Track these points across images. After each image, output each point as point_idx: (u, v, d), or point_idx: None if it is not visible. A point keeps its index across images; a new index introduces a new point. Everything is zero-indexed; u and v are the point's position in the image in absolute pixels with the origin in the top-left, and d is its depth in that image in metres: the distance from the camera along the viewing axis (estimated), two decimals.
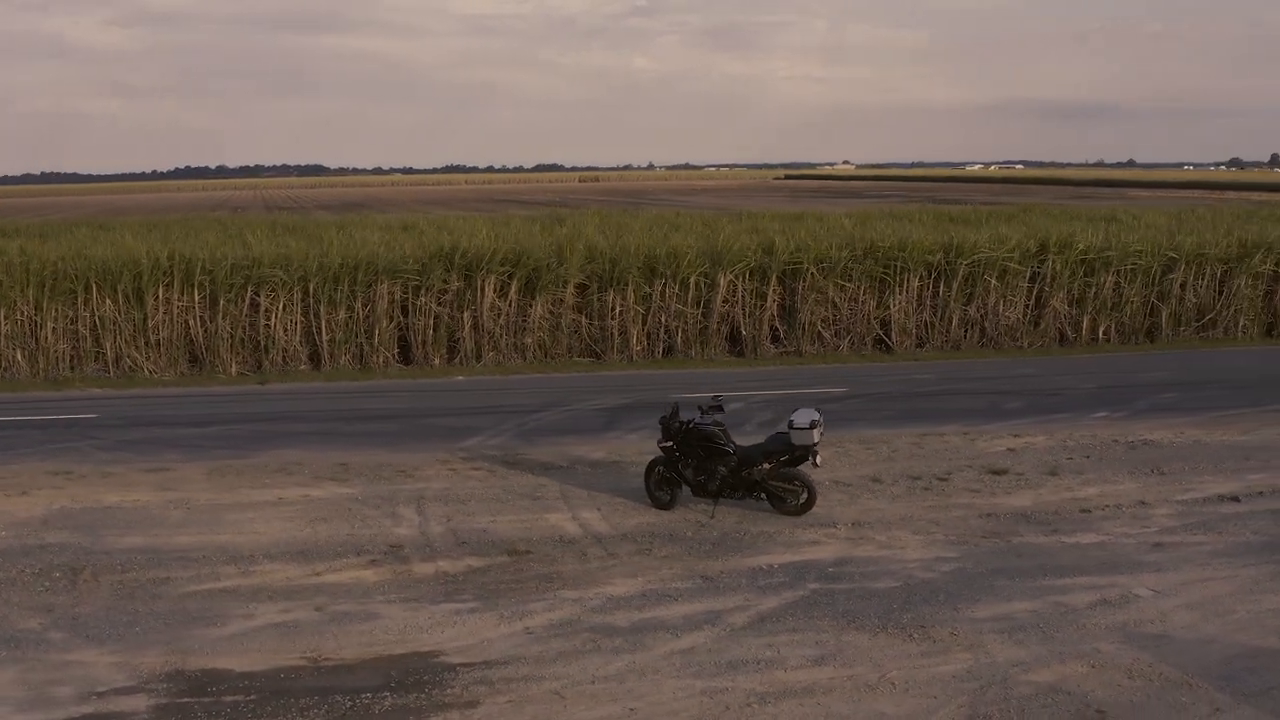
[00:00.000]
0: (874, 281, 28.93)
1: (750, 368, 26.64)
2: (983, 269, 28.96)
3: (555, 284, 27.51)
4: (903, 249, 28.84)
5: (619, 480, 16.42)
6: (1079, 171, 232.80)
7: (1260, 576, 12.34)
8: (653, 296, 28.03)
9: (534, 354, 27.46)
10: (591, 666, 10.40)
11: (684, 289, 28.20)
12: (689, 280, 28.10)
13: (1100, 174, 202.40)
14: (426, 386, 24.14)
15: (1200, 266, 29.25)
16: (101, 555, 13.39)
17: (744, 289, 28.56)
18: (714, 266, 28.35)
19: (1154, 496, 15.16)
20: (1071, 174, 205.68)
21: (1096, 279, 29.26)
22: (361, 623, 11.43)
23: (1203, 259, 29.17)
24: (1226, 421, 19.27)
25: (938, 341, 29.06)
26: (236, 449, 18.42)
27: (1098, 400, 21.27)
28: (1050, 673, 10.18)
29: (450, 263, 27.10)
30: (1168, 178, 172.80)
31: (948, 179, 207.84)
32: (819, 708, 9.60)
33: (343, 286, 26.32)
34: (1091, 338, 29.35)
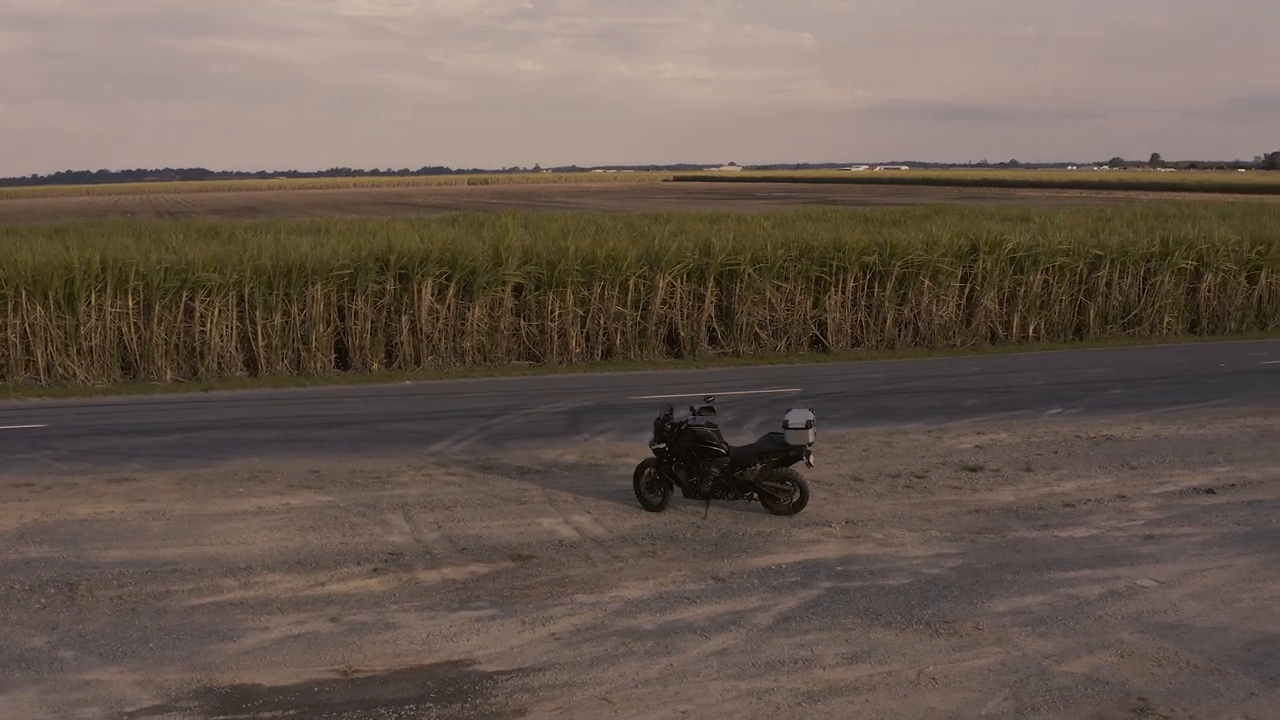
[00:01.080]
0: (810, 282, 29.20)
1: (689, 369, 26.67)
2: (916, 269, 29.37)
3: (493, 286, 27.31)
4: (838, 250, 29.13)
5: (600, 483, 16.36)
6: (966, 172, 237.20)
7: (1254, 565, 12.69)
8: (591, 299, 27.98)
9: (473, 357, 27.23)
10: (630, 670, 10.34)
11: (623, 291, 28.18)
12: (628, 282, 28.08)
13: (988, 174, 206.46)
14: (375, 391, 23.80)
15: (1125, 265, 29.96)
16: (90, 570, 12.98)
17: (682, 290, 28.63)
18: (652, 269, 28.37)
19: (1131, 490, 15.51)
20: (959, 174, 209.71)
21: (1026, 278, 29.86)
22: (382, 633, 11.24)
23: (1127, 257, 29.88)
24: (1177, 416, 19.80)
25: (872, 341, 29.45)
26: (200, 457, 17.99)
27: (1049, 397, 21.73)
28: (1082, 663, 10.36)
29: (386, 265, 26.75)
30: (1053, 178, 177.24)
31: (836, 180, 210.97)
32: (868, 705, 9.65)
33: (277, 290, 25.84)
34: (1022, 336, 29.96)
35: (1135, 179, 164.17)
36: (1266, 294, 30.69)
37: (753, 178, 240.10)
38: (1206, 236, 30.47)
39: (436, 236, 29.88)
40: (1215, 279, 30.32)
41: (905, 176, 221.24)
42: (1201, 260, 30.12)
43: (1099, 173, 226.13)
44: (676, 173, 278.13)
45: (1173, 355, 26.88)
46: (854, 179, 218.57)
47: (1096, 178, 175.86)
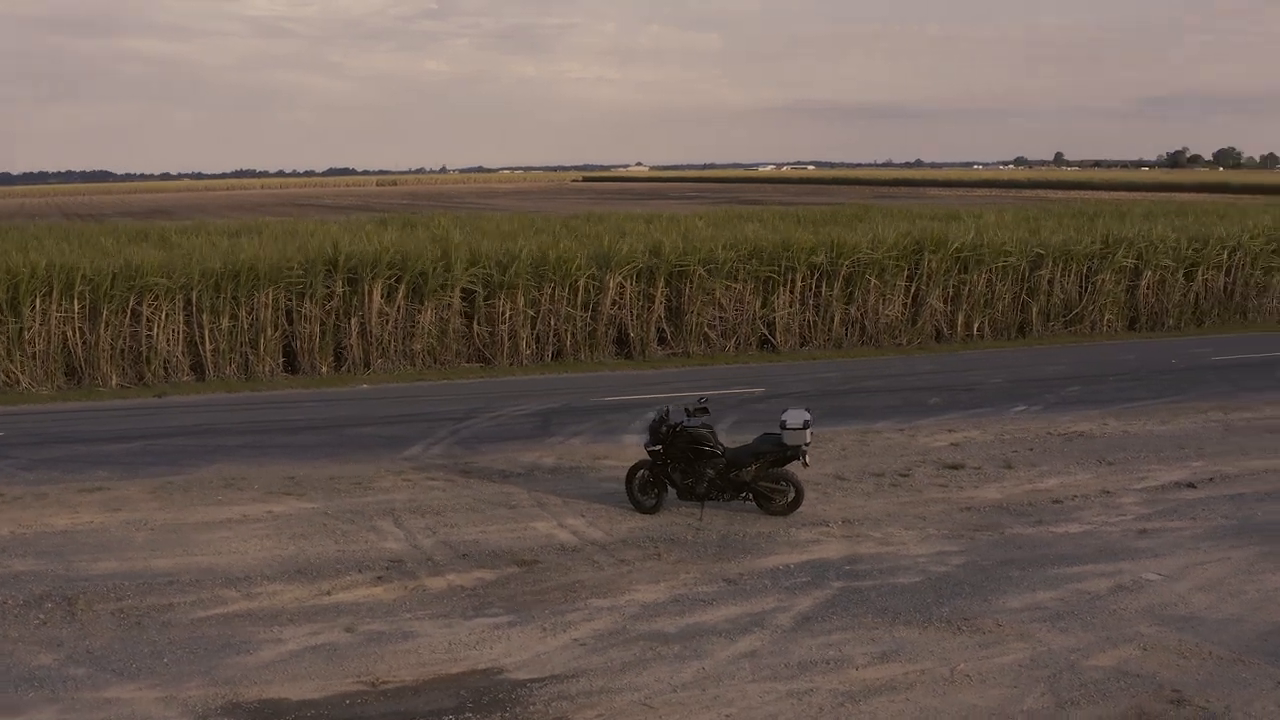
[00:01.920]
0: (759, 282, 29.28)
1: (645, 369, 26.62)
2: (863, 269, 29.59)
3: (444, 289, 27.04)
4: (787, 250, 29.25)
5: (585, 486, 16.27)
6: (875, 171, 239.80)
7: (1250, 558, 12.96)
8: (541, 300, 27.82)
9: (423, 360, 26.94)
10: (663, 675, 10.28)
11: (572, 292, 28.06)
12: (578, 283, 27.96)
13: (897, 174, 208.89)
14: (332, 396, 23.44)
15: (1067, 263, 30.44)
16: (81, 583, 12.62)
17: (631, 291, 28.56)
18: (602, 270, 28.28)
19: (1113, 486, 15.76)
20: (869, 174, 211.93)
21: (970, 277, 30.21)
22: (401, 642, 11.05)
23: (1069, 256, 30.37)
24: (1140, 412, 20.15)
25: (820, 341, 29.60)
26: (169, 465, 17.59)
27: (1010, 395, 22.01)
28: (1108, 657, 10.50)
29: (334, 267, 26.37)
30: (963, 176, 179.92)
31: (745, 180, 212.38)
32: (910, 704, 9.69)
33: (225, 294, 25.36)
34: (966, 334, 30.30)
35: (1043, 177, 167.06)
36: (1203, 291, 31.36)
37: (661, 178, 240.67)
38: (1145, 235, 31.03)
39: (384, 239, 29.52)
40: (1154, 277, 30.90)
41: (814, 176, 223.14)
42: (1140, 258, 30.66)
43: (1007, 171, 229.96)
44: (583, 173, 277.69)
45: (1122, 352, 27.37)
46: (762, 179, 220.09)
47: (1006, 176, 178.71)
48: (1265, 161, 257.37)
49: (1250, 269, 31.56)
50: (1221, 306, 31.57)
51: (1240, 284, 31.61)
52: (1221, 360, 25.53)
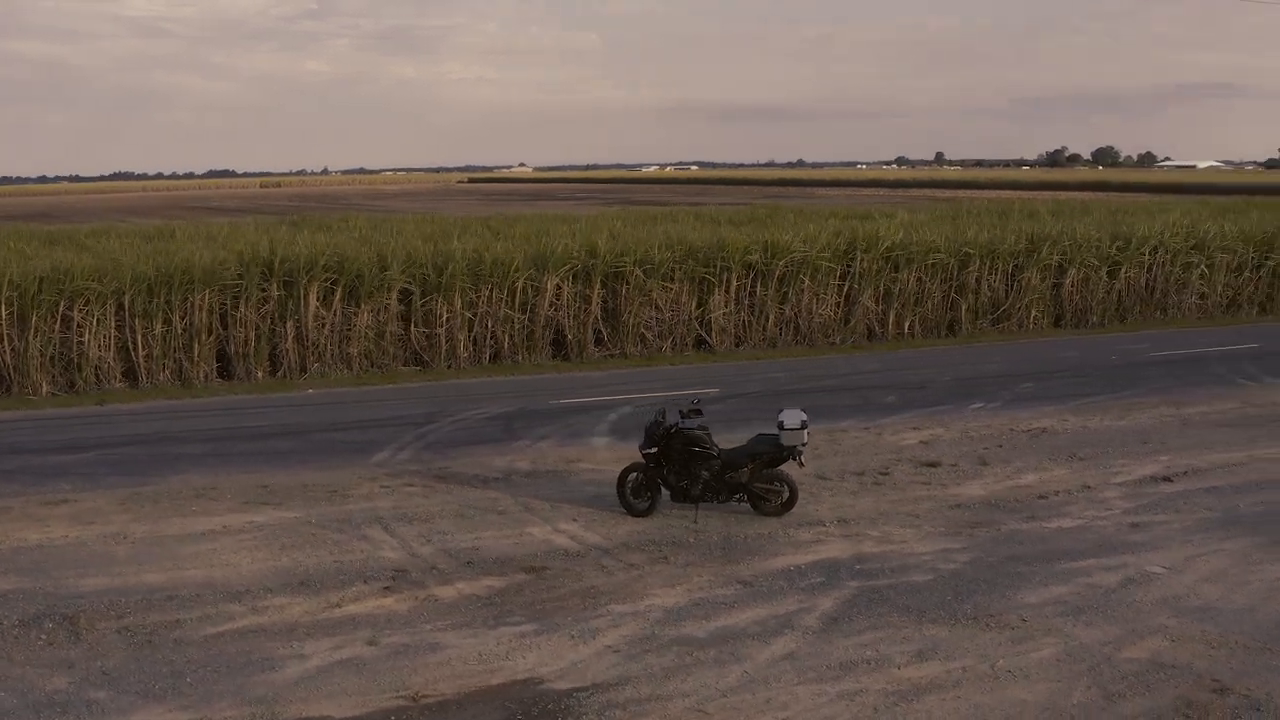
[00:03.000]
0: (695, 283, 29.29)
1: (593, 371, 26.49)
2: (797, 268, 29.76)
3: (380, 291, 26.62)
4: (722, 250, 29.31)
5: (568, 490, 16.13)
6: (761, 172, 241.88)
7: (1245, 549, 13.30)
8: (479, 302, 27.54)
9: (360, 364, 26.49)
10: (708, 680, 10.21)
11: (510, 294, 27.80)
12: (515, 285, 27.72)
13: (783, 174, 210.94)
14: (280, 401, 22.91)
15: (995, 262, 30.94)
16: (74, 600, 12.16)
17: (568, 292, 28.39)
18: (540, 271, 28.07)
19: (1092, 481, 16.04)
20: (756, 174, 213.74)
21: (901, 275, 30.53)
22: (429, 654, 10.82)
23: (997, 254, 30.86)
24: (1095, 408, 20.56)
25: (755, 340, 29.69)
26: (130, 475, 17.05)
27: (964, 392, 22.30)
28: (1140, 650, 10.68)
29: (270, 270, 25.80)
30: (848, 176, 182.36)
31: (631, 180, 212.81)
32: (961, 701, 9.74)
33: (158, 298, 24.66)
34: (898, 332, 30.62)
35: (929, 177, 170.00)
36: (1125, 289, 32.09)
37: (546, 178, 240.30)
38: (1070, 234, 31.67)
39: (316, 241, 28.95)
40: (1079, 275, 31.55)
41: (700, 176, 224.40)
42: (1065, 256, 31.29)
43: (892, 171, 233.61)
44: (466, 174, 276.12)
45: (1061, 349, 27.89)
46: (648, 179, 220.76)
47: (891, 176, 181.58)
48: (1143, 160, 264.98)
49: (1170, 266, 32.36)
50: (1143, 303, 32.36)
51: (1161, 281, 32.41)
52: (1159, 356, 26.17)
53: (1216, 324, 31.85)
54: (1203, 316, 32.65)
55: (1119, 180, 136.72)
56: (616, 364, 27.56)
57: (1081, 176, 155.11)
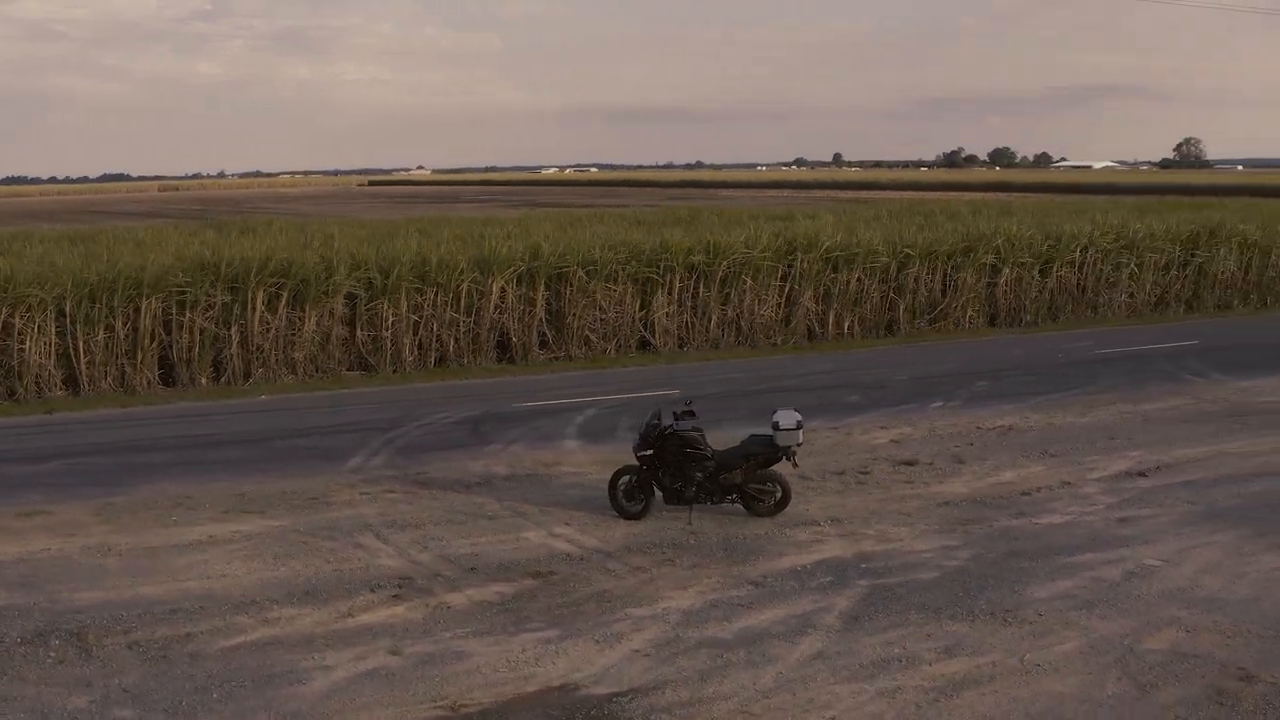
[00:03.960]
0: (638, 284, 29.32)
1: (543, 374, 26.39)
2: (739, 269, 29.91)
3: (326, 295, 26.27)
4: (665, 251, 29.37)
5: (552, 493, 16.07)
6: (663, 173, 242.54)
7: (1234, 541, 13.66)
8: (424, 305, 27.31)
9: (305, 369, 26.11)
10: (745, 681, 10.23)
11: (455, 297, 27.60)
12: (460, 288, 27.52)
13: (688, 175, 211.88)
14: (236, 408, 22.49)
15: (932, 261, 31.37)
16: (74, 615, 11.84)
17: (513, 295, 28.24)
18: (483, 273, 27.90)
19: (1069, 477, 16.35)
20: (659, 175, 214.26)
21: (841, 276, 30.83)
22: (456, 662, 10.71)
23: (935, 255, 31.30)
24: (1054, 406, 20.95)
25: (698, 342, 29.78)
26: (100, 485, 16.66)
27: (922, 391, 22.57)
28: (1160, 640, 10.93)
29: (216, 275, 25.33)
30: (749, 178, 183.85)
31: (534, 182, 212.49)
32: (1001, 695, 9.89)
33: (101, 304, 24.08)
34: (838, 333, 30.90)
35: (830, 178, 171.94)
36: (1057, 288, 32.72)
37: (447, 181, 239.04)
38: (1004, 233, 32.21)
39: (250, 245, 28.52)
40: (1013, 274, 32.11)
41: (602, 178, 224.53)
42: (999, 256, 31.82)
43: (795, 172, 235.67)
44: (365, 176, 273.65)
45: (1008, 348, 28.33)
46: (548, 181, 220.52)
47: (794, 177, 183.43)
48: (1039, 160, 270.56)
49: (1101, 265, 33.07)
50: (1074, 302, 33.01)
51: (1092, 280, 33.10)
52: (1104, 354, 26.71)
53: (1146, 322, 32.62)
54: (1132, 315, 33.42)
55: (1021, 180, 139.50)
56: (561, 366, 27.48)
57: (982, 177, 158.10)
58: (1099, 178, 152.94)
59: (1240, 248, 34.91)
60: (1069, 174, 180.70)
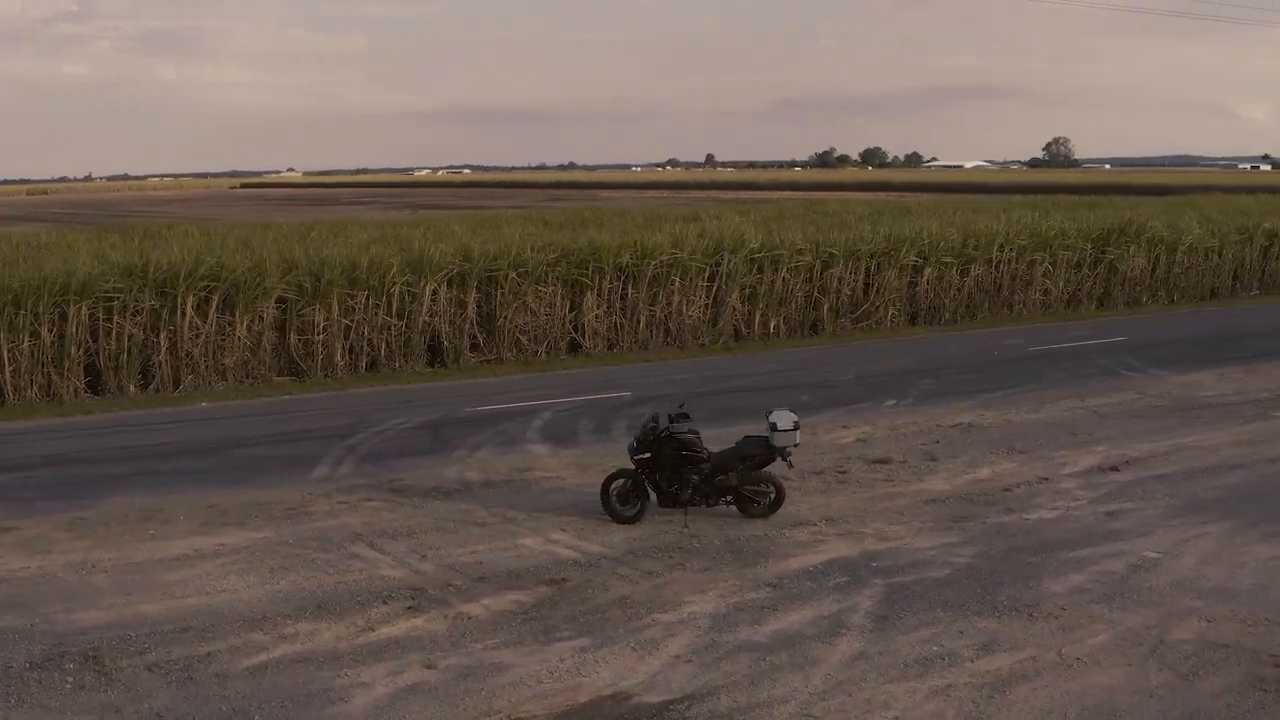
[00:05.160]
0: (568, 285, 29.17)
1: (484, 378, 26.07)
2: (667, 270, 29.92)
3: (258, 299, 25.65)
4: (595, 252, 29.27)
5: (536, 499, 15.92)
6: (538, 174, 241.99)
7: (1224, 532, 14.06)
8: (355, 309, 26.84)
9: (235, 375, 25.47)
10: (797, 684, 10.23)
11: (387, 300, 27.18)
12: (391, 291, 27.10)
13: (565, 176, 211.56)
14: (177, 416, 21.79)
15: (856, 261, 31.74)
16: (77, 637, 11.37)
17: (444, 297, 27.91)
18: (417, 276, 27.52)
19: (1045, 473, 16.68)
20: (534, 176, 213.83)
21: (766, 276, 31.02)
22: (497, 675, 10.52)
23: (858, 255, 31.67)
24: (1005, 403, 21.35)
25: (626, 343, 29.73)
26: (62, 498, 16.03)
27: (872, 390, 22.81)
28: (1185, 631, 11.20)
29: (145, 279, 24.58)
30: (626, 179, 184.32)
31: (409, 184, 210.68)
32: (1050, 689, 10.04)
33: (26, 310, 23.21)
34: (764, 332, 31.08)
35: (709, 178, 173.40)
36: (975, 286, 33.32)
37: (318, 183, 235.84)
38: (925, 233, 32.70)
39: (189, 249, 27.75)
40: (933, 273, 32.62)
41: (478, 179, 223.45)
42: (921, 256, 32.32)
43: (672, 173, 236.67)
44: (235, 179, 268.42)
45: (943, 346, 28.76)
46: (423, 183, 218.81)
47: (671, 178, 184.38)
48: (909, 160, 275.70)
49: (1016, 264, 33.77)
50: (991, 300, 33.67)
51: (1008, 278, 33.79)
52: (1038, 351, 27.28)
53: (1061, 319, 33.41)
54: (1046, 312, 34.21)
55: (900, 180, 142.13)
56: (492, 370, 27.22)
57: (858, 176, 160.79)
58: (970, 177, 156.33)
59: (1149, 245, 35.93)
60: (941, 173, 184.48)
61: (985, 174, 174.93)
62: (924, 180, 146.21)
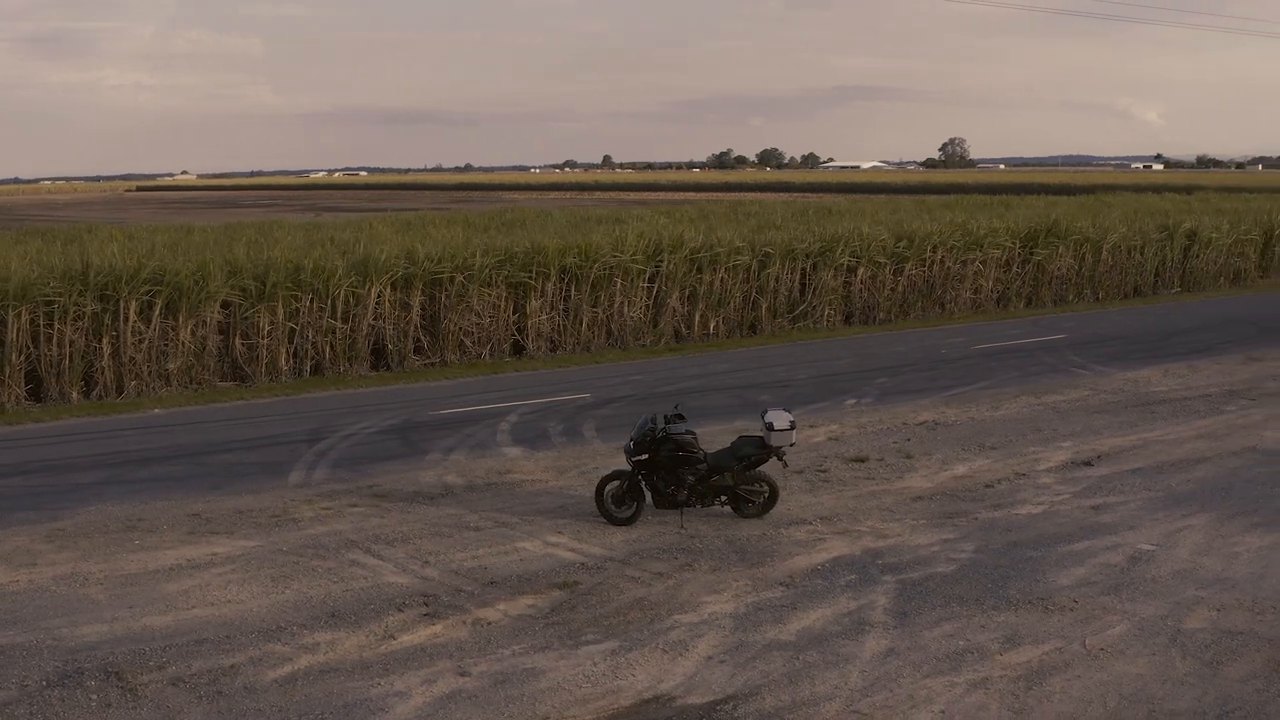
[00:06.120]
0: (512, 288, 29.04)
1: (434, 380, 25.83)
2: (609, 271, 29.93)
3: (202, 303, 25.17)
4: (539, 254, 29.17)
5: (523, 502, 15.84)
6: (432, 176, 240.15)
7: (1210, 524, 14.44)
8: (301, 312, 26.47)
9: (179, 380, 24.96)
10: (836, 682, 10.32)
11: (332, 303, 26.83)
12: (337, 294, 26.76)
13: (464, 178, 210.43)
14: (133, 423, 21.26)
15: (793, 261, 32.01)
16: (89, 652, 11.07)
17: (389, 300, 27.64)
18: (361, 279, 27.21)
19: (1020, 469, 17.00)
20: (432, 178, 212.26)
21: (705, 276, 31.16)
22: (533, 680, 10.45)
23: (795, 255, 31.94)
24: (964, 400, 21.71)
25: (569, 344, 29.68)
26: (36, 509, 15.60)
27: (829, 389, 23.04)
28: (1198, 620, 11.50)
29: (85, 284, 23.98)
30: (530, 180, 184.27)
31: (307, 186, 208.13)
32: (1083, 679, 10.24)
33: None
34: (704, 333, 31.22)
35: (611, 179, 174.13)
36: (908, 286, 33.79)
37: (215, 185, 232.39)
38: (859, 234, 33.07)
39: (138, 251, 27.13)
40: (867, 273, 33.02)
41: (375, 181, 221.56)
42: (856, 256, 32.68)
43: (574, 174, 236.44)
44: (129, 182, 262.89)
45: (889, 345, 29.10)
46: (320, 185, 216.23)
47: (572, 179, 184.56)
48: (806, 161, 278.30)
49: (948, 263, 34.31)
50: (924, 299, 34.15)
51: (940, 277, 34.31)
52: (982, 349, 27.73)
53: (992, 318, 34.02)
54: (976, 311, 34.82)
55: (801, 180, 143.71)
56: (438, 374, 27.01)
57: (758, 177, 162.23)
58: (870, 177, 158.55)
59: (1076, 244, 36.72)
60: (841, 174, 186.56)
61: (883, 174, 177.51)
62: (824, 180, 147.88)
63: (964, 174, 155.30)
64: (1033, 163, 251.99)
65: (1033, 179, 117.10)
